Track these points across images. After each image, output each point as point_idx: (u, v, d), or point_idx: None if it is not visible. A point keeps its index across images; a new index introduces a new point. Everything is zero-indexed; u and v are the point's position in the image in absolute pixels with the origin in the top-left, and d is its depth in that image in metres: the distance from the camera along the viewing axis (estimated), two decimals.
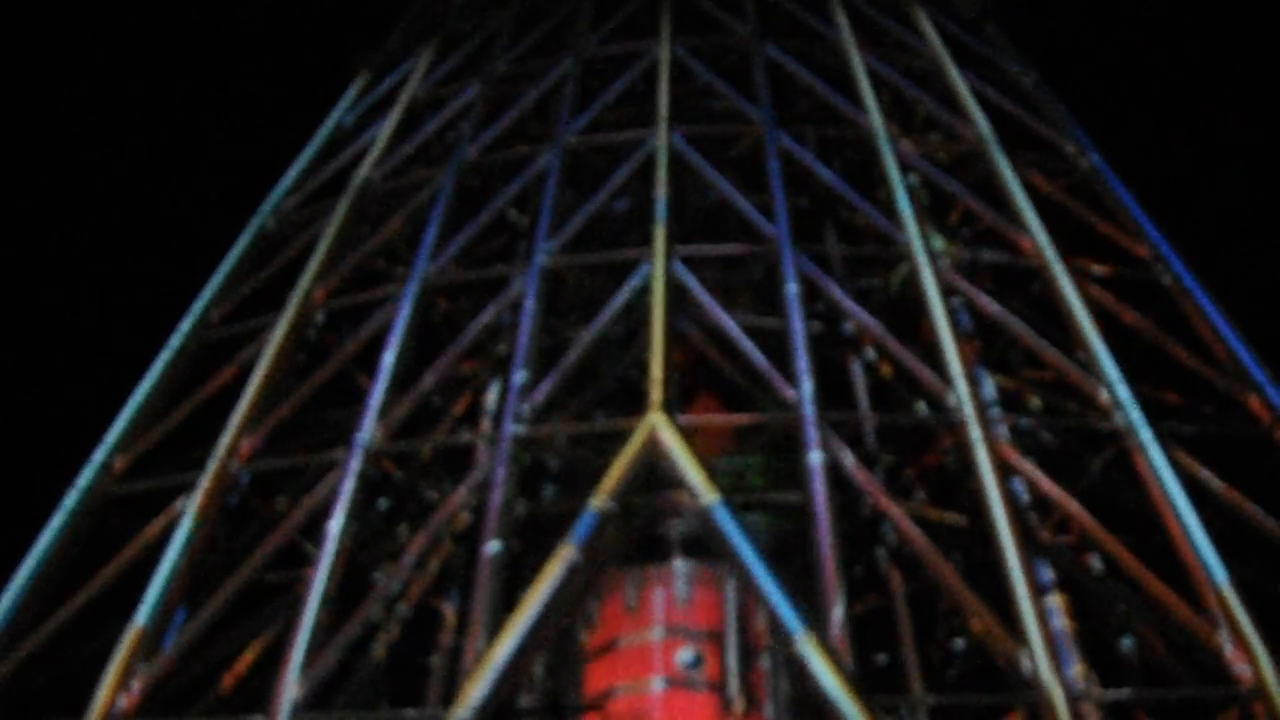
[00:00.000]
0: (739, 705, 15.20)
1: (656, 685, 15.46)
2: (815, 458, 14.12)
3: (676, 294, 15.99)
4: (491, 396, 20.17)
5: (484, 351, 19.61)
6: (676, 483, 14.05)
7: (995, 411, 17.25)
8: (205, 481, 15.78)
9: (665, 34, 20.87)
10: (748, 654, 15.60)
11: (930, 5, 23.32)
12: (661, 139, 18.42)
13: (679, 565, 16.23)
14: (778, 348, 15.58)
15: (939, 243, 18.25)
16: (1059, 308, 16.91)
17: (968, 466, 14.67)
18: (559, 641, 16.54)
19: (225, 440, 16.27)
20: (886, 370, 19.60)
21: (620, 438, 14.34)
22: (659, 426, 14.13)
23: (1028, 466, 14.92)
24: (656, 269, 16.09)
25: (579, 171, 19.16)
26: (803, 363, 15.16)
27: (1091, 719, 13.41)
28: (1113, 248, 18.44)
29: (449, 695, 13.16)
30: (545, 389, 15.33)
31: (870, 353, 20.01)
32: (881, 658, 18.09)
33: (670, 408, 14.32)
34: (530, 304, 16.44)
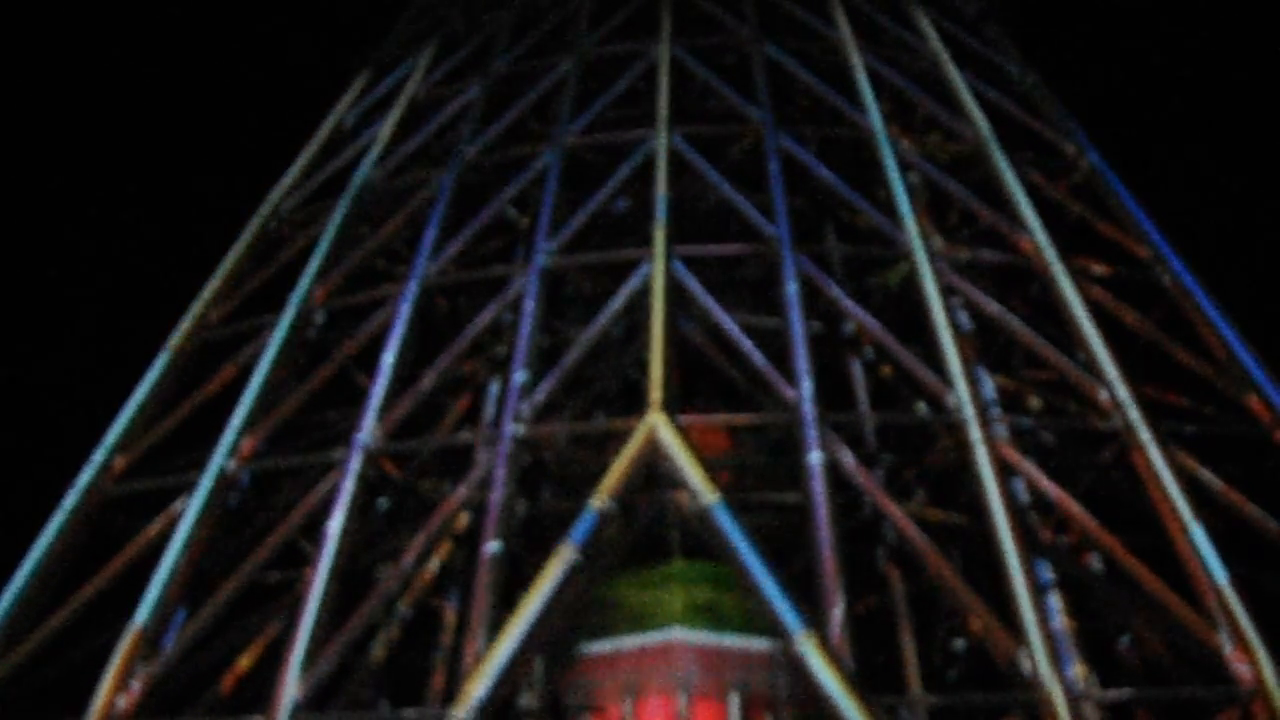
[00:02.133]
0: None
1: None
2: (815, 458, 14.12)
3: (676, 294, 15.99)
4: (491, 396, 20.17)
5: (484, 351, 19.62)
6: (677, 482, 14.06)
7: (995, 411, 17.23)
8: (205, 481, 15.78)
9: (665, 34, 20.86)
10: None
11: (930, 5, 23.30)
12: (661, 139, 18.40)
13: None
14: (778, 348, 15.58)
15: (939, 243, 18.23)
16: (1059, 308, 16.90)
17: (968, 466, 14.67)
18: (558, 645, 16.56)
19: (225, 440, 16.27)
20: (886, 370, 19.60)
21: (620, 438, 14.35)
22: (659, 426, 14.14)
23: (1028, 466, 14.92)
24: (656, 269, 16.08)
25: (579, 171, 19.15)
26: (802, 363, 15.16)
27: (1091, 719, 13.41)
28: (1113, 248, 18.43)
29: (449, 695, 13.16)
30: (545, 389, 15.34)
31: (870, 353, 20.01)
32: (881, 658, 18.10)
33: (670, 408, 14.33)
34: (530, 304, 16.44)
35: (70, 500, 16.39)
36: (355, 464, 15.21)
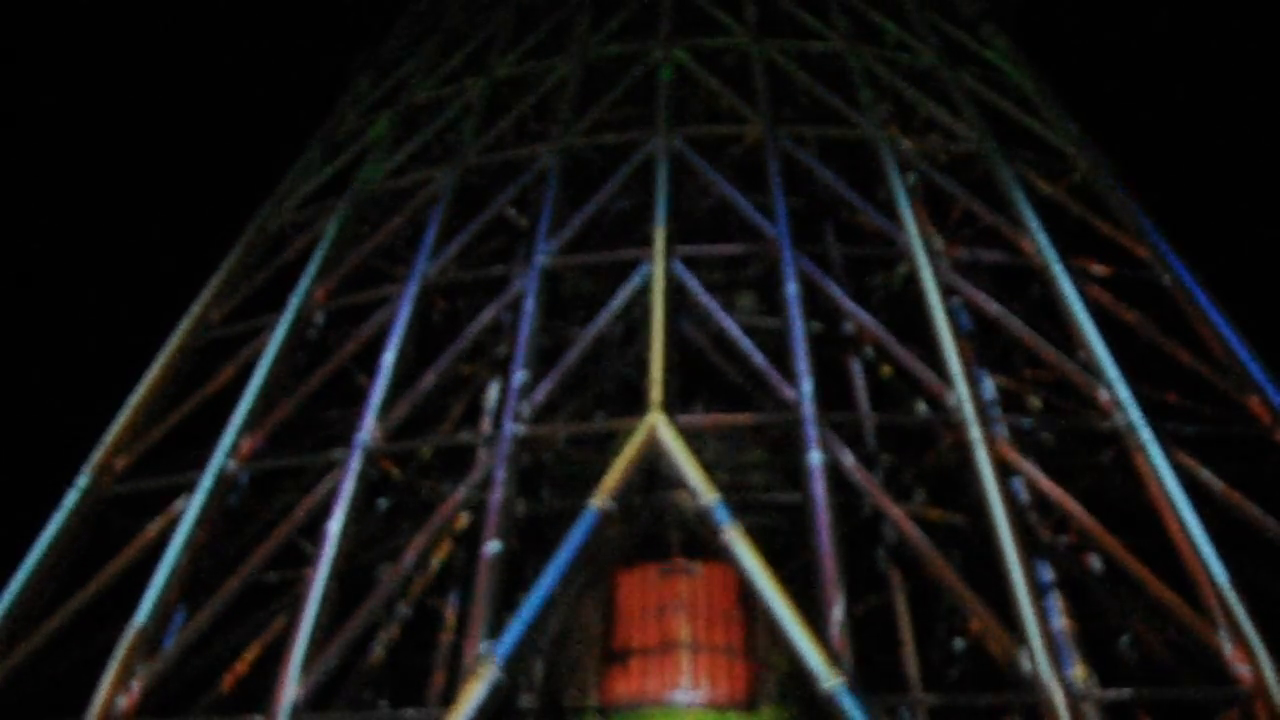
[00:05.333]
0: None
1: None
2: (815, 458, 14.12)
3: (676, 294, 15.99)
4: (491, 396, 20.18)
5: (484, 351, 19.62)
6: (676, 482, 14.07)
7: (995, 411, 17.23)
8: (205, 481, 15.79)
9: (665, 35, 20.87)
10: None
11: (930, 5, 23.31)
12: (661, 140, 18.41)
13: None
14: (778, 348, 15.58)
15: (939, 243, 18.23)
16: (1059, 308, 16.90)
17: (968, 466, 14.67)
18: (558, 644, 16.57)
19: (225, 440, 16.27)
20: (886, 370, 19.59)
21: (620, 438, 14.36)
22: (659, 426, 14.15)
23: (1028, 466, 14.92)
24: (656, 269, 16.09)
25: (579, 172, 19.14)
26: (802, 363, 15.16)
27: (1091, 719, 13.41)
28: (1113, 248, 18.43)
29: (449, 695, 13.16)
30: (545, 389, 15.34)
31: (870, 353, 20.01)
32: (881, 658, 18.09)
33: (670, 408, 14.34)
34: (530, 304, 16.44)
35: (70, 500, 16.40)
36: (355, 464, 15.21)
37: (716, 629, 16.31)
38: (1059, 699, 12.22)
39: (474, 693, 12.33)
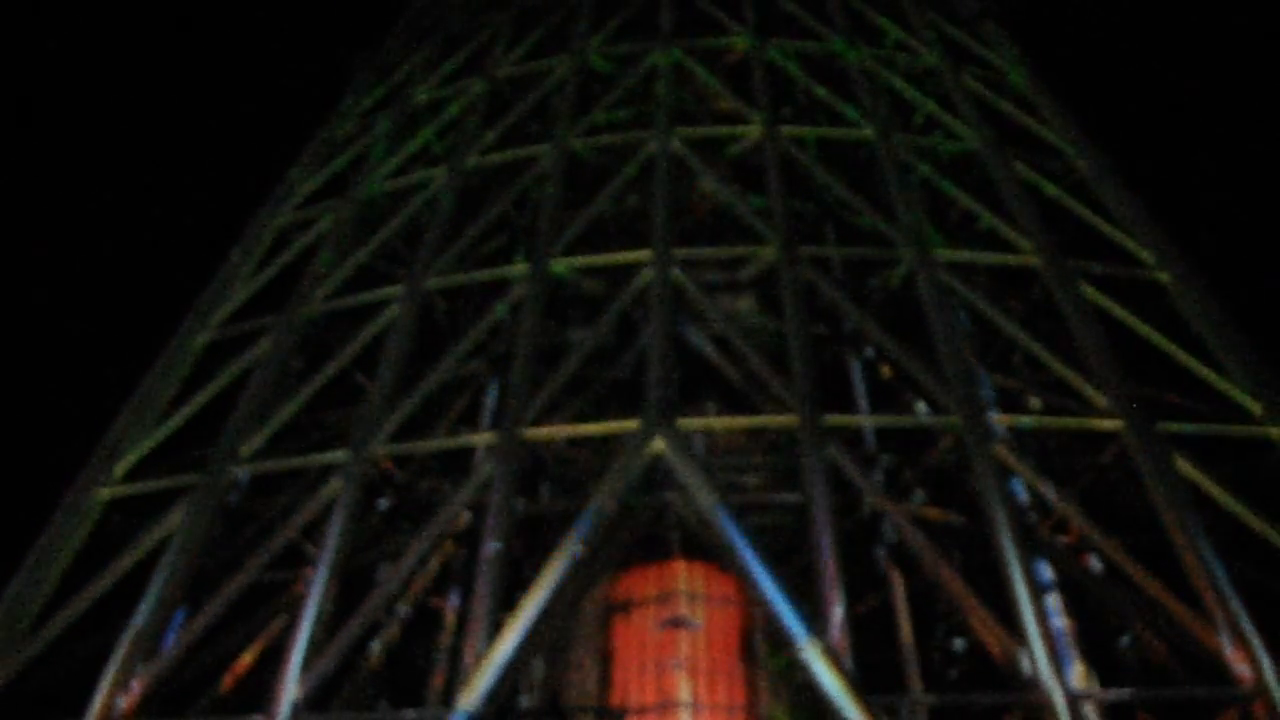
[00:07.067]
0: None
1: None
2: (815, 458, 14.11)
3: (677, 296, 15.99)
4: (491, 396, 20.18)
5: (484, 352, 19.62)
6: (677, 483, 14.07)
7: (995, 412, 17.21)
8: (206, 482, 15.78)
9: (665, 35, 20.87)
10: None
11: (930, 6, 23.29)
12: (661, 143, 18.41)
13: None
14: (778, 349, 15.58)
15: (939, 243, 18.22)
16: (1059, 308, 16.89)
17: (968, 466, 14.66)
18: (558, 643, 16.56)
19: (226, 441, 16.27)
20: (886, 370, 19.59)
21: (620, 438, 14.36)
22: (659, 428, 14.14)
23: (1026, 467, 14.91)
24: (657, 271, 16.09)
25: (580, 172, 19.14)
26: (803, 364, 15.15)
27: (1091, 719, 13.41)
28: (1113, 248, 18.42)
29: (449, 695, 13.17)
30: (546, 390, 15.33)
31: (870, 353, 20.01)
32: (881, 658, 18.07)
33: (670, 409, 14.33)
34: (531, 305, 16.44)
35: (71, 501, 16.40)
36: (356, 465, 15.21)
37: (718, 687, 16.09)
38: (1059, 699, 12.22)
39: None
